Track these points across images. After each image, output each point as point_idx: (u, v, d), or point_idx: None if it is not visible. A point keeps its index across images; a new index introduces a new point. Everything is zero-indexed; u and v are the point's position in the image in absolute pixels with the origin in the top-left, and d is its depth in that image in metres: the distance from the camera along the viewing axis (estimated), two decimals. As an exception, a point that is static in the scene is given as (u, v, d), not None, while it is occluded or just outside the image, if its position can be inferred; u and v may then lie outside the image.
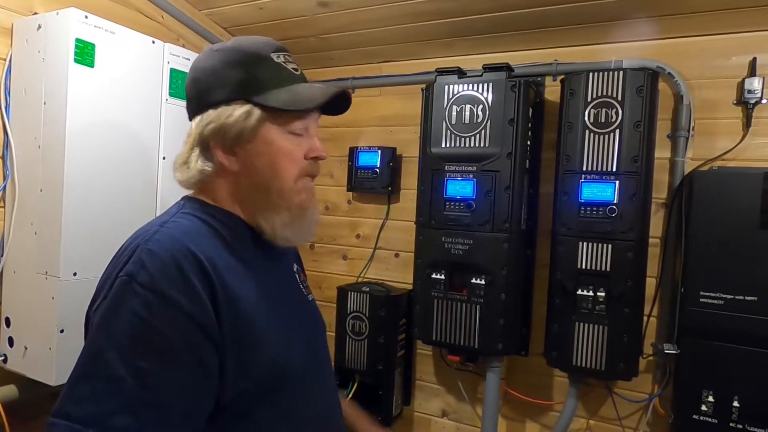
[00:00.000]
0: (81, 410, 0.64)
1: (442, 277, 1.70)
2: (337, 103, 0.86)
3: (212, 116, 0.81)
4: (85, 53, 1.32)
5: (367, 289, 1.88)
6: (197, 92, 0.84)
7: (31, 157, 1.37)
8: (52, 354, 1.31)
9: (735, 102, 1.55)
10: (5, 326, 1.42)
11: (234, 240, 0.81)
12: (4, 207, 1.43)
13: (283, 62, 0.83)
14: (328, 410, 0.92)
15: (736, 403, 1.38)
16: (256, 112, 0.80)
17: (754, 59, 1.51)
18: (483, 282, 1.63)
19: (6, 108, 1.41)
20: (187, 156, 0.84)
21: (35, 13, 1.43)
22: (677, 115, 1.60)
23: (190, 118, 0.86)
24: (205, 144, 0.83)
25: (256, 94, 0.80)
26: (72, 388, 0.67)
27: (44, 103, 1.34)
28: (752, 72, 1.51)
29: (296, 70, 0.85)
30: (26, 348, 1.37)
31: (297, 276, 0.98)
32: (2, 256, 1.42)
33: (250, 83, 0.81)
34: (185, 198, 0.88)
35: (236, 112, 0.80)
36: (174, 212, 0.83)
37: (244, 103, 0.80)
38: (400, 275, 2.06)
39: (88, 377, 0.66)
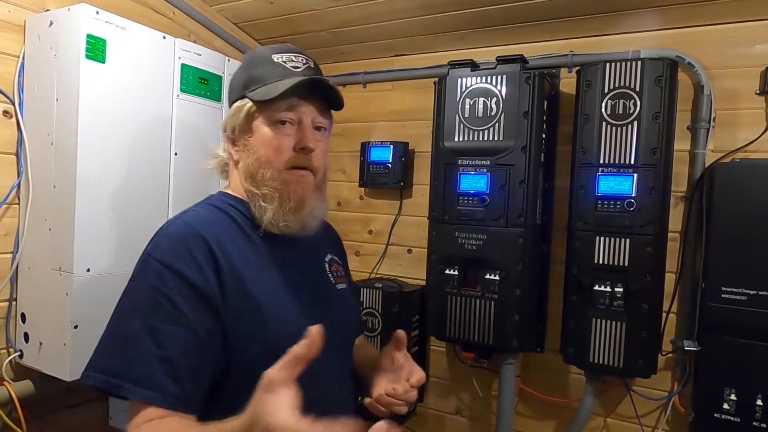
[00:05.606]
0: (109, 363, 0.78)
1: (456, 272, 1.68)
2: (326, 94, 0.93)
3: (228, 114, 0.96)
4: (96, 49, 1.32)
5: (380, 285, 1.87)
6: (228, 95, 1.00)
7: (44, 154, 1.37)
8: (66, 349, 1.32)
9: (758, 92, 1.50)
10: (21, 322, 1.43)
11: (248, 227, 0.91)
12: (18, 203, 1.44)
13: (283, 61, 0.92)
14: (333, 395, 0.92)
15: (759, 402, 1.35)
16: (247, 105, 0.91)
17: (778, 47, 1.47)
18: (497, 278, 1.60)
19: (20, 105, 1.42)
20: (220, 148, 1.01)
21: (47, 10, 1.43)
22: (697, 106, 1.56)
23: None
24: (226, 137, 0.97)
25: (250, 90, 0.92)
26: (103, 344, 0.81)
27: (56, 100, 1.34)
28: (776, 60, 1.47)
29: (297, 68, 0.92)
30: (41, 344, 1.38)
31: (328, 265, 1.04)
32: (17, 252, 1.43)
33: (247, 81, 0.93)
34: (219, 192, 1.00)
35: (235, 107, 0.93)
36: (200, 203, 0.95)
37: (243, 99, 0.93)
38: (412, 271, 2.04)
39: (114, 336, 0.81)
